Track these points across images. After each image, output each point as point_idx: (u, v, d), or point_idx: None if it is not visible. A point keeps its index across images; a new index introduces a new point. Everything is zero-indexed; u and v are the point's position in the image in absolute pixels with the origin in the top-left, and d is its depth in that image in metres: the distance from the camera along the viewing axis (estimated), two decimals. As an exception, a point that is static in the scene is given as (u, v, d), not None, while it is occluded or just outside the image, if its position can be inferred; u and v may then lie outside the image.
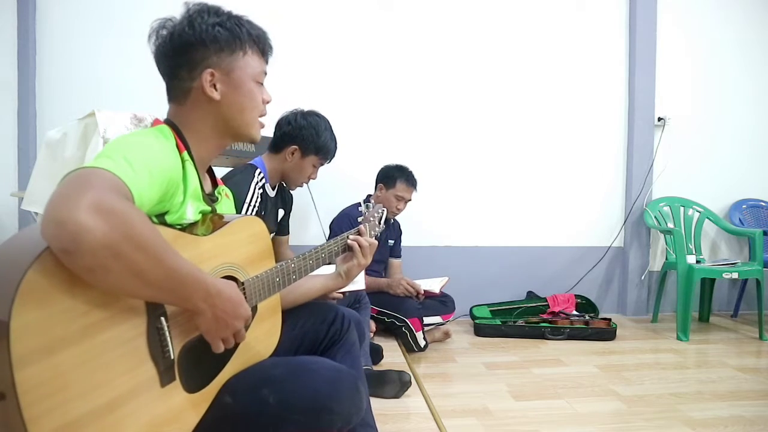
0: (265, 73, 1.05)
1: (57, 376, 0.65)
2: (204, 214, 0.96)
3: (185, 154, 0.93)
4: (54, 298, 0.65)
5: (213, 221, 0.98)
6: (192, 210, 0.92)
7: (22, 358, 0.61)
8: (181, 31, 0.95)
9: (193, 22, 0.95)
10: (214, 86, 0.96)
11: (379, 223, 1.44)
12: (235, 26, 0.98)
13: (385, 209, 1.50)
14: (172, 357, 0.81)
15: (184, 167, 0.91)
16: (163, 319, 0.80)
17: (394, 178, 2.67)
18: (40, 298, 0.63)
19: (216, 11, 0.98)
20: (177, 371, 0.83)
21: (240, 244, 1.01)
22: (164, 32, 0.97)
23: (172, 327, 0.82)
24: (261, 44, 1.03)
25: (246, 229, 1.04)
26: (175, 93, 0.99)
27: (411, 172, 2.73)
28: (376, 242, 1.34)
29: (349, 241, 1.31)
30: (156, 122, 0.97)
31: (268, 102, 1.07)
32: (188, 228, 0.92)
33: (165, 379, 0.80)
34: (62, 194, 0.65)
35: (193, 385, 0.87)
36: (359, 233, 1.33)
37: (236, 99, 0.99)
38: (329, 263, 1.29)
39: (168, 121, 0.99)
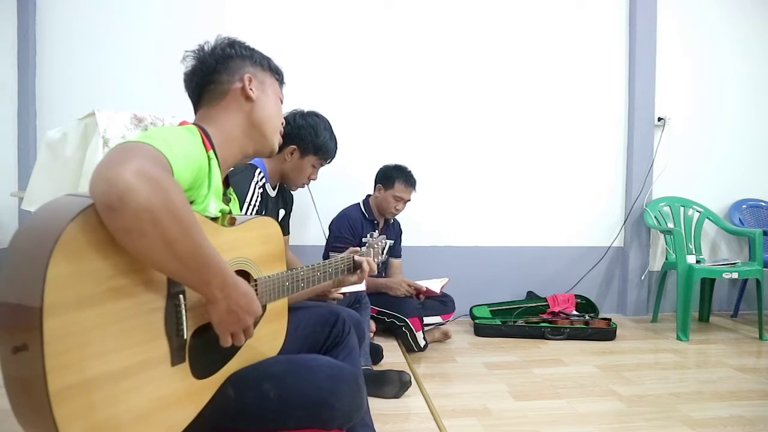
0: (282, 100, 1.17)
1: (80, 332, 0.67)
2: (223, 213, 0.99)
3: (211, 152, 0.96)
4: (87, 256, 0.68)
5: (230, 220, 1.02)
6: (214, 206, 0.95)
7: (53, 307, 0.63)
8: (223, 47, 1.07)
9: (233, 44, 1.08)
10: (251, 89, 1.06)
11: (382, 252, 1.50)
12: (263, 56, 1.12)
13: (389, 242, 1.56)
14: (185, 336, 0.83)
15: (209, 164, 0.94)
16: (181, 297, 0.82)
17: (393, 179, 2.66)
18: (75, 252, 0.66)
19: (245, 44, 1.11)
20: (187, 354, 0.84)
21: (255, 242, 1.05)
22: (201, 53, 1.07)
23: (188, 309, 0.84)
24: (279, 77, 1.16)
25: (261, 229, 1.08)
26: (209, 96, 1.05)
27: (410, 172, 2.72)
28: (375, 270, 1.42)
29: (357, 258, 1.37)
30: (183, 123, 1.01)
31: (283, 124, 1.17)
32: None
33: (176, 358, 0.82)
34: (111, 158, 0.70)
35: (200, 372, 0.88)
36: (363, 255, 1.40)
37: (268, 105, 1.09)
38: (336, 280, 1.35)
39: (195, 123, 1.02)
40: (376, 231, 2.74)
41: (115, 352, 0.72)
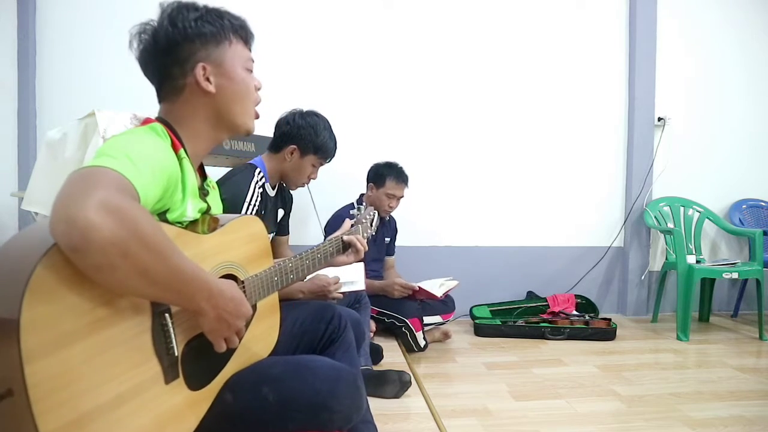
0: (252, 60, 1.04)
1: (66, 371, 0.65)
2: (202, 213, 0.97)
3: (181, 152, 0.92)
4: (62, 294, 0.66)
5: (211, 221, 0.99)
6: (192, 208, 0.92)
7: (32, 352, 0.61)
8: (165, 31, 0.94)
9: (175, 20, 0.95)
10: (208, 79, 0.96)
11: (371, 225, 1.46)
12: (216, 18, 0.97)
13: (377, 212, 1.52)
14: (176, 354, 0.82)
15: (181, 166, 0.91)
16: (167, 315, 0.80)
17: (384, 177, 2.64)
18: (48, 293, 0.64)
19: (194, 7, 0.97)
20: (180, 369, 0.83)
21: (239, 243, 1.02)
22: (146, 36, 0.97)
23: (176, 324, 0.83)
24: (243, 33, 1.02)
25: (245, 228, 1.05)
26: (167, 92, 0.98)
27: (401, 168, 2.69)
28: (366, 247, 1.38)
29: (345, 238, 1.34)
30: (147, 120, 0.95)
31: (259, 88, 1.06)
32: (189, 226, 0.93)
33: (169, 376, 0.80)
34: (70, 193, 0.66)
35: (195, 383, 0.87)
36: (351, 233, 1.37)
37: (231, 89, 0.98)
38: (326, 263, 1.32)
39: (160, 119, 0.97)
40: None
41: (106, 382, 0.70)
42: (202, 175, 1.09)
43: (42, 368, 0.62)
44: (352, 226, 1.42)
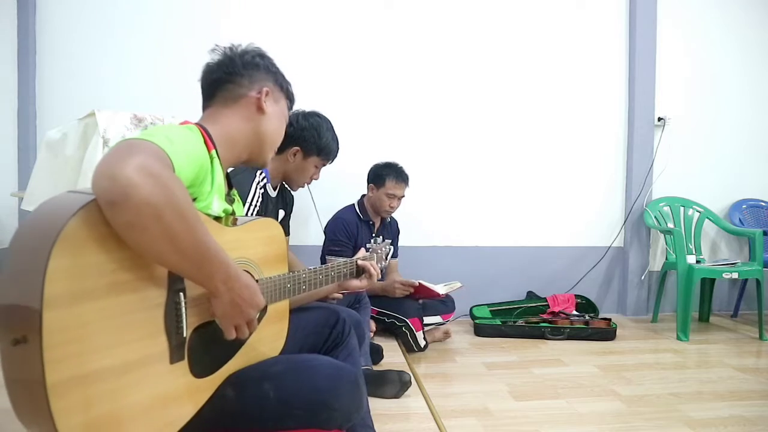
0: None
1: (80, 325, 0.67)
2: (226, 213, 0.99)
3: (213, 152, 0.96)
4: (88, 250, 0.68)
5: (234, 221, 1.02)
6: (217, 205, 0.95)
7: (53, 300, 0.63)
8: (254, 55, 1.10)
9: (264, 56, 1.12)
10: (266, 102, 1.08)
11: (385, 258, 1.51)
12: (286, 79, 1.17)
13: (392, 247, 1.55)
14: (184, 335, 0.83)
15: (212, 163, 0.95)
16: (181, 294, 0.82)
17: (383, 177, 2.64)
18: (77, 246, 0.67)
19: (274, 61, 1.16)
20: (186, 352, 0.84)
21: (257, 243, 1.05)
22: (232, 51, 1.09)
23: (189, 306, 0.84)
24: (292, 100, 1.20)
25: (265, 230, 1.08)
26: (224, 94, 1.07)
27: (401, 168, 2.68)
28: (379, 275, 1.42)
29: (360, 263, 1.37)
30: (185, 122, 1.00)
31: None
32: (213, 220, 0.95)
33: (175, 356, 0.82)
34: (113, 155, 0.71)
35: (199, 370, 0.88)
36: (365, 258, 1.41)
37: (275, 121, 1.12)
38: (339, 285, 1.36)
39: (197, 124, 1.02)
40: (373, 233, 2.72)
41: (115, 347, 0.72)
42: (229, 185, 1.12)
43: (59, 317, 0.64)
44: (367, 253, 1.46)
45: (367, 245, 1.52)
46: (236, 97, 1.06)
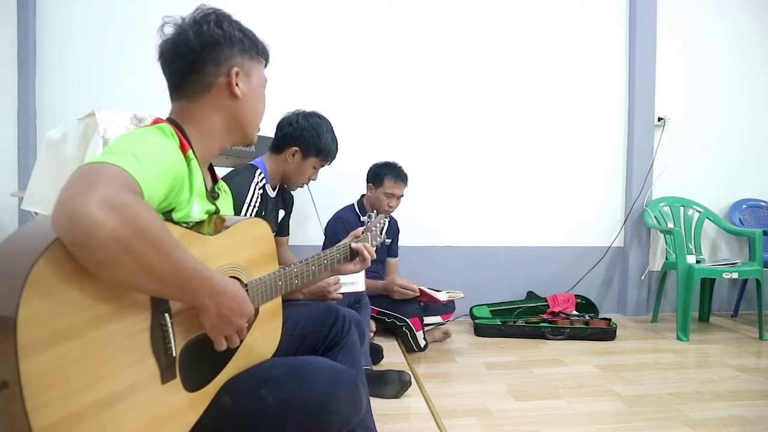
0: (266, 84, 1.11)
1: (61, 367, 0.65)
2: (209, 214, 0.96)
3: (190, 153, 0.92)
4: (61, 290, 0.66)
5: (217, 222, 0.99)
6: (198, 209, 0.92)
7: (28, 347, 0.61)
8: (209, 29, 0.97)
9: (221, 23, 0.99)
10: (237, 84, 0.99)
11: (381, 233, 1.45)
12: (253, 36, 1.05)
13: (387, 220, 1.51)
14: (173, 354, 0.81)
15: (189, 166, 0.91)
16: (167, 315, 0.80)
17: (382, 176, 2.64)
18: (47, 288, 0.64)
19: (233, 20, 1.03)
20: (178, 369, 0.83)
21: (244, 246, 1.02)
22: (183, 29, 0.97)
23: (175, 324, 0.82)
24: (267, 58, 1.09)
25: (251, 231, 1.05)
26: (191, 88, 0.99)
27: (399, 167, 2.68)
28: (374, 255, 1.37)
29: (353, 245, 1.32)
30: (157, 120, 0.96)
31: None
32: (194, 227, 0.92)
33: (166, 376, 0.80)
34: (73, 189, 0.66)
35: (193, 384, 0.87)
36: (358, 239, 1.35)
37: (253, 100, 1.03)
38: (333, 270, 1.31)
39: (170, 120, 0.98)
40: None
41: (101, 380, 0.70)
42: (213, 179, 1.09)
43: (37, 364, 0.62)
44: (362, 233, 1.40)
45: (362, 219, 1.46)
46: (204, 89, 0.98)
